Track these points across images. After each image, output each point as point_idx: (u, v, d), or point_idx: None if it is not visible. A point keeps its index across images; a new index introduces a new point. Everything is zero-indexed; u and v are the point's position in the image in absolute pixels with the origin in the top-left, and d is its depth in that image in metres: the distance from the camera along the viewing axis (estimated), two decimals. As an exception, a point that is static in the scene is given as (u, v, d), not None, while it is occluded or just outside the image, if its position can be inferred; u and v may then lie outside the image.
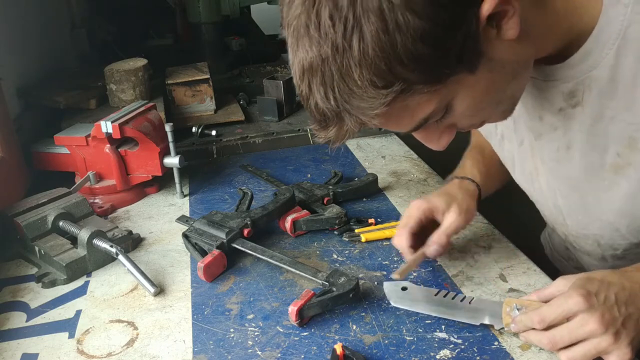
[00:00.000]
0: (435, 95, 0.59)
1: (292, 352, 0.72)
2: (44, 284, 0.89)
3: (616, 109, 0.66)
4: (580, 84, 0.68)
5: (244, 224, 0.94)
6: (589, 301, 0.62)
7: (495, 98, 0.65)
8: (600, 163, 0.72)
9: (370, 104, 0.57)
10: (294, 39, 0.57)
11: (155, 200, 1.17)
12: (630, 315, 0.62)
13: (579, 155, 0.73)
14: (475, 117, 0.67)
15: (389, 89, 0.55)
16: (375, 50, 0.53)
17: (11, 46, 1.34)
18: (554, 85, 0.71)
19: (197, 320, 0.80)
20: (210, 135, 1.39)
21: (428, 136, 0.68)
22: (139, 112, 1.13)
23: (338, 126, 0.60)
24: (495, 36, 0.58)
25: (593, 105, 0.68)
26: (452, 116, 0.63)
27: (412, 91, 0.57)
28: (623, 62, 0.63)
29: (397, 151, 1.36)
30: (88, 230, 0.92)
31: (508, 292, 0.82)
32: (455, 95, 0.60)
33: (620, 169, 0.70)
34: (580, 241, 0.86)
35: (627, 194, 0.71)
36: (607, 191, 0.73)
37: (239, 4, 1.92)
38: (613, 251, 0.80)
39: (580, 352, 0.63)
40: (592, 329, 0.62)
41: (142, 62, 1.39)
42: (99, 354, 0.75)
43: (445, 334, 0.74)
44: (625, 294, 0.63)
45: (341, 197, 1.09)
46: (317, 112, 0.60)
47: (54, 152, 1.19)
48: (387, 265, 0.90)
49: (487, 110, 0.67)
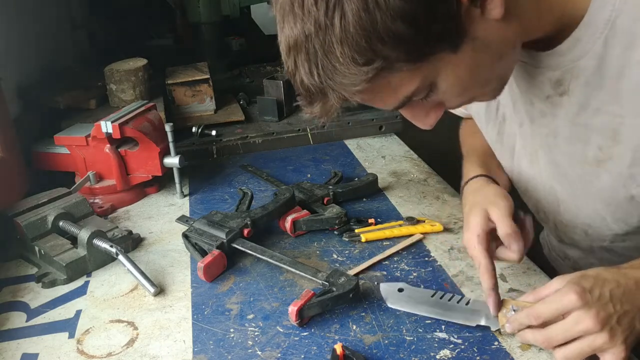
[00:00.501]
0: (417, 73, 0.59)
1: (292, 352, 0.72)
2: (44, 284, 0.89)
3: (602, 100, 0.67)
4: (568, 72, 0.68)
5: (244, 224, 0.94)
6: (584, 298, 0.62)
7: (482, 77, 0.65)
8: (583, 154, 0.72)
9: (352, 80, 0.58)
10: (280, 16, 0.59)
11: (155, 200, 1.17)
12: (626, 312, 0.62)
13: (564, 144, 0.74)
14: (462, 95, 0.66)
15: (370, 66, 0.56)
16: (356, 28, 0.54)
17: (11, 46, 1.34)
18: (541, 73, 0.71)
19: (197, 320, 0.80)
20: (210, 135, 1.39)
21: (414, 114, 0.68)
22: (139, 112, 1.13)
23: (322, 102, 0.62)
24: (479, 15, 0.58)
25: (579, 95, 0.68)
26: (437, 94, 0.63)
27: (393, 69, 0.57)
28: (610, 52, 0.63)
29: (397, 151, 1.36)
30: (88, 230, 0.92)
31: (508, 292, 0.82)
32: (439, 73, 0.61)
33: (602, 162, 0.70)
34: (569, 231, 0.85)
35: (609, 185, 0.71)
36: (592, 181, 0.73)
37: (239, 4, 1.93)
38: (600, 242, 0.81)
39: (575, 350, 0.63)
40: (587, 327, 0.62)
41: (142, 62, 1.39)
42: (99, 354, 0.75)
43: (445, 334, 0.74)
44: (620, 290, 0.63)
45: (341, 197, 1.09)
46: (303, 88, 0.61)
47: (54, 152, 1.19)
48: (387, 265, 0.90)
49: (473, 89, 0.66)
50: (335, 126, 1.44)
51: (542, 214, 0.90)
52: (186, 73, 1.50)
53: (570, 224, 0.84)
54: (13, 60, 1.33)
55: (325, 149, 1.39)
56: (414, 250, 0.94)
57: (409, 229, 0.98)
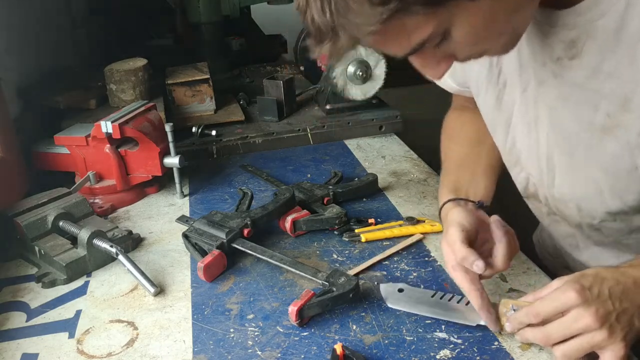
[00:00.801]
0: (433, 18, 0.58)
1: (292, 352, 0.72)
2: (44, 284, 0.90)
3: (616, 65, 0.65)
4: (584, 33, 0.66)
5: (244, 224, 0.94)
6: (583, 295, 0.62)
7: (496, 29, 0.63)
8: (590, 121, 0.70)
9: (365, 20, 0.56)
10: None
11: (155, 200, 1.17)
12: (625, 310, 0.62)
13: (570, 109, 0.72)
14: (475, 47, 0.65)
15: (385, 6, 0.55)
16: None
17: (11, 46, 1.34)
18: (555, 33, 0.69)
19: (197, 320, 0.80)
20: (210, 135, 1.39)
21: (425, 62, 0.67)
22: (139, 112, 1.13)
23: (332, 42, 0.60)
24: None
25: (592, 58, 0.67)
26: (449, 43, 0.62)
27: (409, 11, 0.56)
28: (632, 12, 0.62)
29: (397, 151, 1.36)
30: (88, 230, 0.92)
31: (508, 292, 0.82)
32: (454, 21, 0.60)
33: (609, 130, 0.69)
34: (561, 206, 0.83)
35: (614, 154, 0.70)
36: (596, 148, 0.72)
37: (239, 4, 1.92)
38: (591, 219, 0.79)
39: (574, 347, 0.63)
40: (586, 324, 0.62)
41: (142, 62, 1.39)
42: (99, 354, 0.75)
43: (445, 334, 0.74)
44: (619, 288, 0.63)
45: (341, 197, 1.09)
46: (313, 27, 0.59)
47: (54, 152, 1.19)
48: (387, 265, 0.90)
49: (487, 41, 0.65)
50: (335, 126, 1.44)
51: (533, 188, 0.87)
52: (186, 73, 1.50)
53: (564, 197, 0.81)
54: (13, 60, 1.33)
55: (325, 149, 1.39)
56: (414, 250, 0.94)
57: (409, 229, 0.98)
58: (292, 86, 1.53)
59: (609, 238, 0.81)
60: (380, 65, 1.42)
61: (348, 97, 1.46)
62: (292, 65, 1.94)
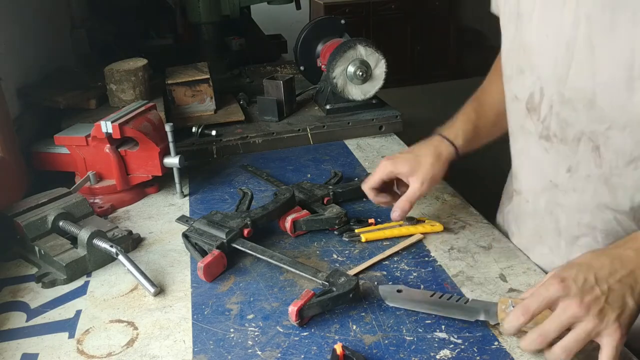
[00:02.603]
0: None
1: (292, 352, 0.72)
2: (44, 284, 0.90)
3: None
4: None
5: (244, 224, 0.94)
6: (566, 286, 0.63)
7: None
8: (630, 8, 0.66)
9: None
10: None
11: (155, 200, 1.17)
12: (612, 289, 0.63)
13: None
14: None
15: None
16: None
17: (11, 46, 1.34)
18: None
19: (197, 320, 0.80)
20: (210, 135, 1.39)
21: None
22: (139, 112, 1.13)
23: None
24: None
25: None
26: None
27: None
28: None
29: (397, 151, 1.35)
30: (88, 230, 0.92)
31: (508, 292, 0.82)
32: None
33: None
34: (567, 111, 0.78)
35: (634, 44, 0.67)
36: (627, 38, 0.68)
37: (239, 4, 1.92)
38: (598, 124, 0.75)
39: (571, 339, 0.64)
40: (574, 312, 0.63)
41: (142, 62, 1.39)
42: (99, 354, 0.75)
43: (445, 334, 0.74)
44: (604, 271, 0.64)
45: (341, 197, 1.09)
46: None
47: (54, 152, 1.19)
48: (387, 265, 0.90)
49: None
50: (335, 126, 1.44)
51: (538, 96, 0.82)
52: (186, 73, 1.50)
53: (576, 94, 0.76)
54: (13, 60, 1.33)
55: (325, 149, 1.39)
56: (414, 250, 0.94)
57: (409, 229, 0.98)
58: (292, 86, 1.53)
59: (601, 169, 0.76)
60: (380, 65, 1.42)
61: (348, 97, 1.46)
62: (292, 65, 1.94)
